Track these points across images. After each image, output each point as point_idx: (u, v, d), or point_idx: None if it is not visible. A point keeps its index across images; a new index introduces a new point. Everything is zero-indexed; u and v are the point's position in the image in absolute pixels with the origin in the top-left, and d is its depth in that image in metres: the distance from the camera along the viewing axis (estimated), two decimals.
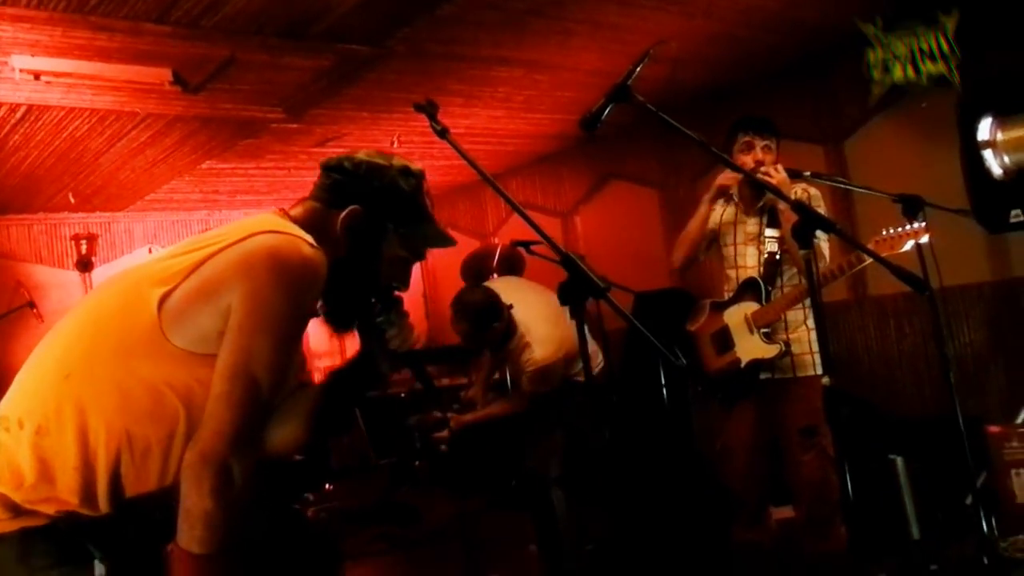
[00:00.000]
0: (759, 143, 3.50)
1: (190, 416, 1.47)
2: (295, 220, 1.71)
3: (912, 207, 3.22)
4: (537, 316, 3.86)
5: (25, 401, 1.51)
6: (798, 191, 3.52)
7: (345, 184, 1.77)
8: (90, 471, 1.44)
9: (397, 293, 1.86)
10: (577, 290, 1.67)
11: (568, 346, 3.76)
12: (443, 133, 1.90)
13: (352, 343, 2.32)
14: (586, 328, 3.61)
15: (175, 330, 1.48)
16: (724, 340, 3.62)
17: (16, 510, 1.44)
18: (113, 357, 1.48)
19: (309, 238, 1.60)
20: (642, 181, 6.66)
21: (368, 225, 1.74)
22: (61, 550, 1.45)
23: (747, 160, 3.46)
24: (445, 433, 4.10)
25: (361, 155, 1.83)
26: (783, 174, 3.33)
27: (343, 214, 1.73)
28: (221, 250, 1.54)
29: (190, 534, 1.42)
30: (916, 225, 3.13)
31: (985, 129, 3.72)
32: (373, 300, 1.83)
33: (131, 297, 1.53)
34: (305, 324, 1.60)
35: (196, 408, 1.47)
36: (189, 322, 1.48)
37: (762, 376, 3.50)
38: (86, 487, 1.45)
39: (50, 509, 1.45)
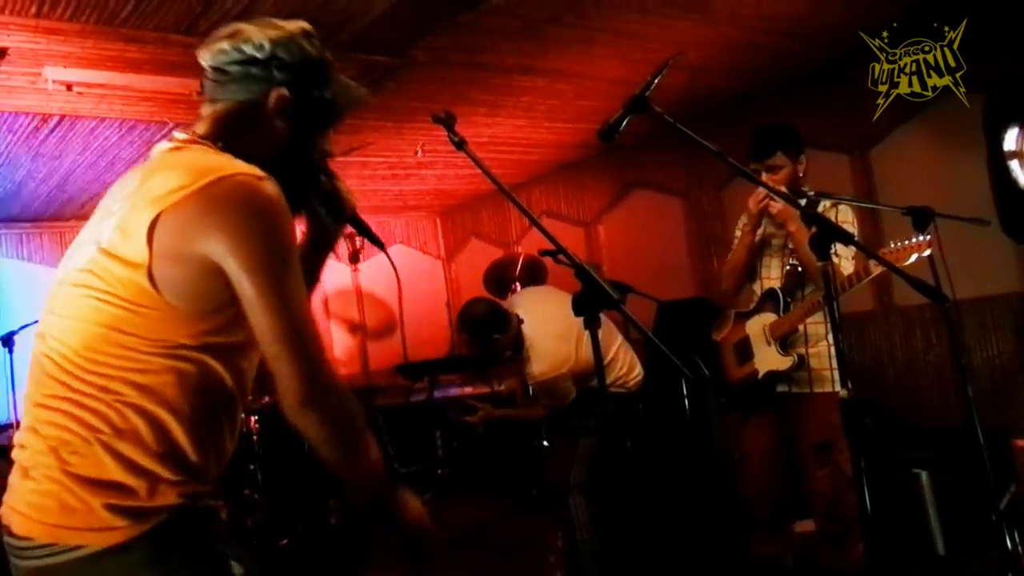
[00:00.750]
0: (761, 169, 3.51)
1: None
2: (222, 145, 1.56)
3: (922, 219, 3.19)
4: (544, 332, 3.86)
5: None
6: (826, 205, 3.52)
7: (252, 70, 1.60)
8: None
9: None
10: (591, 301, 1.68)
11: (575, 362, 3.76)
12: (460, 144, 1.92)
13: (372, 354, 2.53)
14: (621, 339, 3.65)
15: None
16: (744, 350, 3.61)
17: (137, 513, 1.41)
18: None
19: (257, 171, 1.46)
20: (666, 190, 6.64)
21: (298, 104, 1.62)
22: (192, 547, 1.47)
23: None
24: (476, 417, 4.19)
25: (251, 30, 1.62)
26: (779, 204, 3.32)
27: (271, 104, 1.60)
28: (175, 206, 1.40)
29: (335, 460, 1.52)
30: (920, 238, 3.10)
31: (1012, 139, 3.69)
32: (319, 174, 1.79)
33: None
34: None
35: None
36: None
37: (779, 388, 3.49)
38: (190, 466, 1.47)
39: (170, 498, 1.44)
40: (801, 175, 3.61)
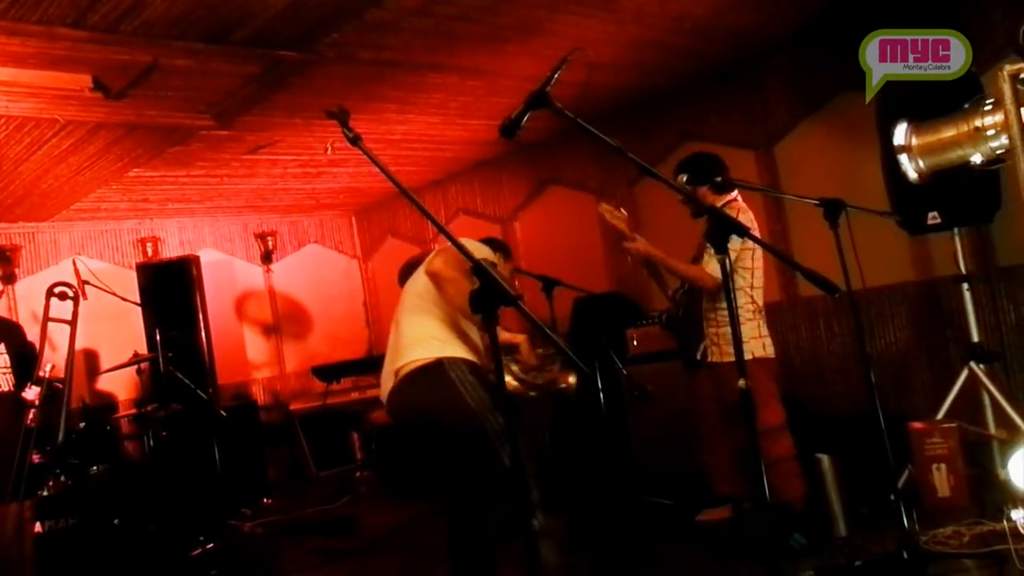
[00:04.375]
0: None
1: None
2: None
3: (833, 211, 3.29)
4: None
5: None
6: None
7: None
8: None
9: None
10: (489, 298, 1.66)
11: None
12: (355, 140, 1.87)
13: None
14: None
15: None
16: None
17: None
18: None
19: None
20: (580, 187, 6.70)
21: None
22: None
23: None
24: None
25: None
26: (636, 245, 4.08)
27: None
28: None
29: None
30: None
31: (900, 134, 3.84)
32: None
33: None
34: None
35: None
36: None
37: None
38: None
39: None
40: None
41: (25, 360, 3.35)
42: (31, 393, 3.22)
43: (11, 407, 3.21)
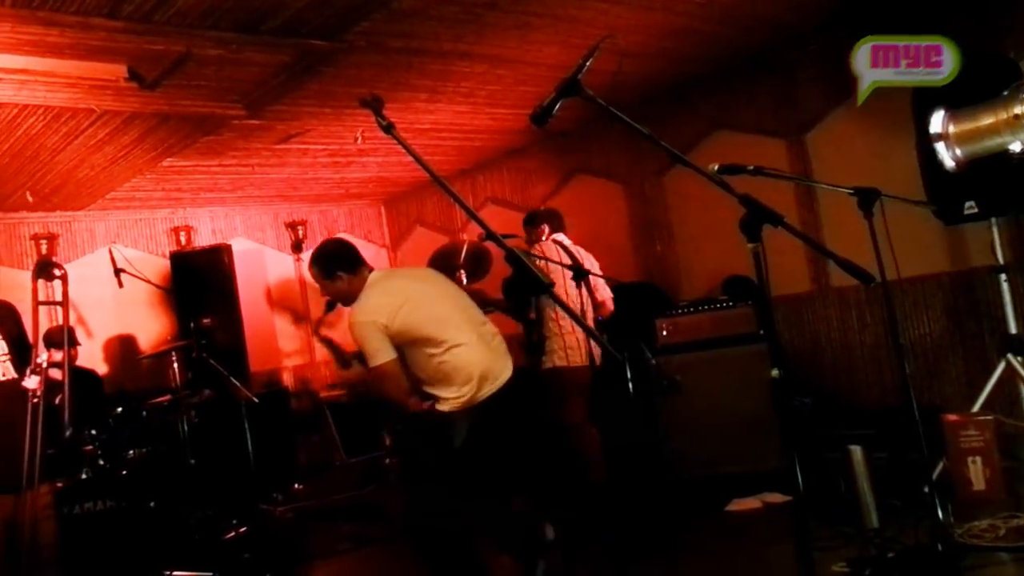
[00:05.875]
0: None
1: None
2: None
3: (868, 200, 3.24)
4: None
5: None
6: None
7: None
8: None
9: None
10: (521, 286, 1.66)
11: (390, 319, 3.53)
12: (388, 128, 1.87)
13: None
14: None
15: None
16: None
17: None
18: None
19: None
20: (608, 176, 6.67)
21: None
22: None
23: None
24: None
25: None
26: None
27: None
28: None
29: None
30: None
31: (937, 122, 3.77)
32: None
33: None
34: None
35: None
36: None
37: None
38: None
39: None
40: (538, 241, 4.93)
41: (24, 346, 3.31)
42: (32, 382, 3.15)
43: (15, 395, 3.15)
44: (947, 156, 3.81)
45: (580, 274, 4.64)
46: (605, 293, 4.90)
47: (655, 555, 3.93)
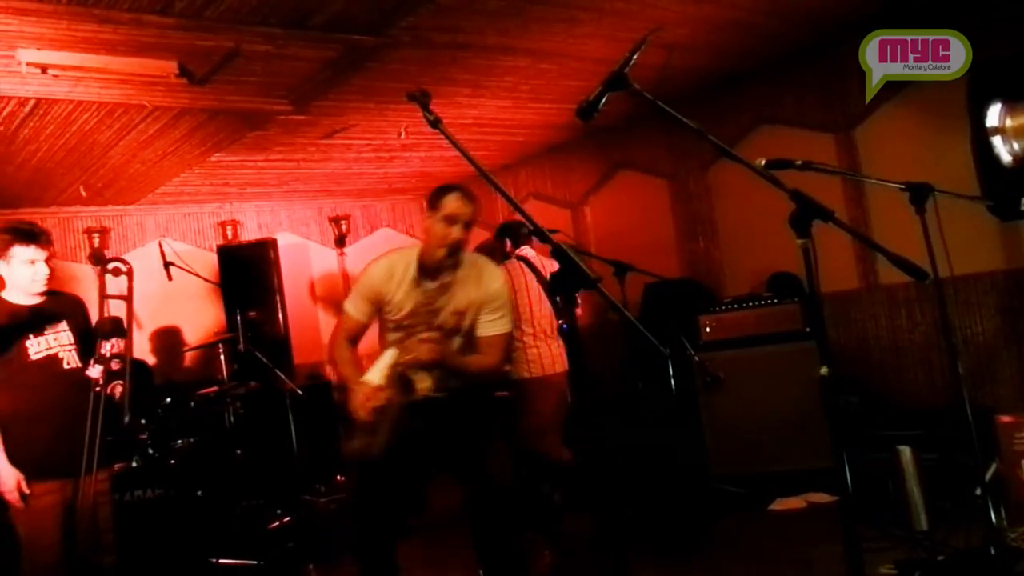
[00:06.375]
0: None
1: None
2: None
3: (920, 195, 3.17)
4: None
5: None
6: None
7: None
8: None
9: None
10: (569, 281, 1.66)
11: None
12: (436, 123, 1.88)
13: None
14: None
15: None
16: None
17: None
18: None
19: None
20: (651, 171, 6.62)
21: None
22: None
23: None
24: None
25: None
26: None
27: None
28: None
29: None
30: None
31: (994, 115, 3.66)
32: None
33: None
34: None
35: None
36: None
37: None
38: None
39: None
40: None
41: (89, 336, 3.46)
42: (95, 371, 3.32)
43: (80, 384, 3.32)
44: (1004, 150, 3.70)
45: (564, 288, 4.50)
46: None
47: (696, 555, 3.90)
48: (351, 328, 3.22)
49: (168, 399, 5.14)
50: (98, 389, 3.27)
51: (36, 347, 3.35)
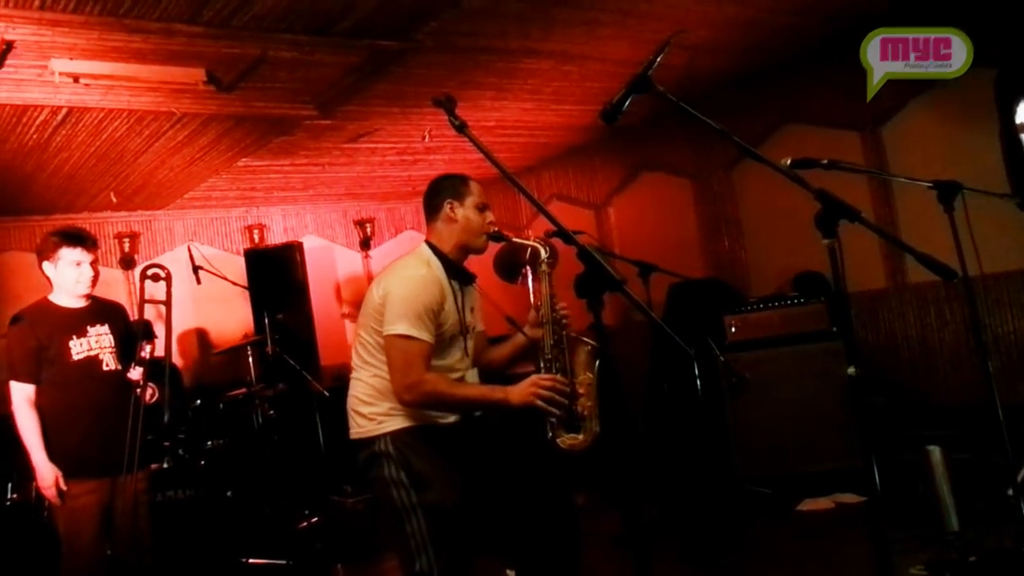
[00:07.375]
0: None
1: None
2: None
3: (948, 193, 3.14)
4: None
5: None
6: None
7: None
8: None
9: None
10: (594, 282, 1.67)
11: None
12: (461, 127, 1.90)
13: None
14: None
15: None
16: None
17: None
18: None
19: None
20: (675, 171, 6.60)
21: None
22: None
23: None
24: None
25: None
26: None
27: None
28: None
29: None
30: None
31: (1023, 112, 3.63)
32: None
33: None
34: None
35: None
36: None
37: None
38: None
39: None
40: None
41: (130, 340, 3.55)
42: (136, 373, 3.43)
43: (119, 385, 3.43)
44: None
45: None
46: None
47: (723, 556, 3.89)
48: (429, 353, 2.78)
49: (198, 401, 5.21)
50: (139, 391, 3.36)
51: (78, 348, 3.44)
